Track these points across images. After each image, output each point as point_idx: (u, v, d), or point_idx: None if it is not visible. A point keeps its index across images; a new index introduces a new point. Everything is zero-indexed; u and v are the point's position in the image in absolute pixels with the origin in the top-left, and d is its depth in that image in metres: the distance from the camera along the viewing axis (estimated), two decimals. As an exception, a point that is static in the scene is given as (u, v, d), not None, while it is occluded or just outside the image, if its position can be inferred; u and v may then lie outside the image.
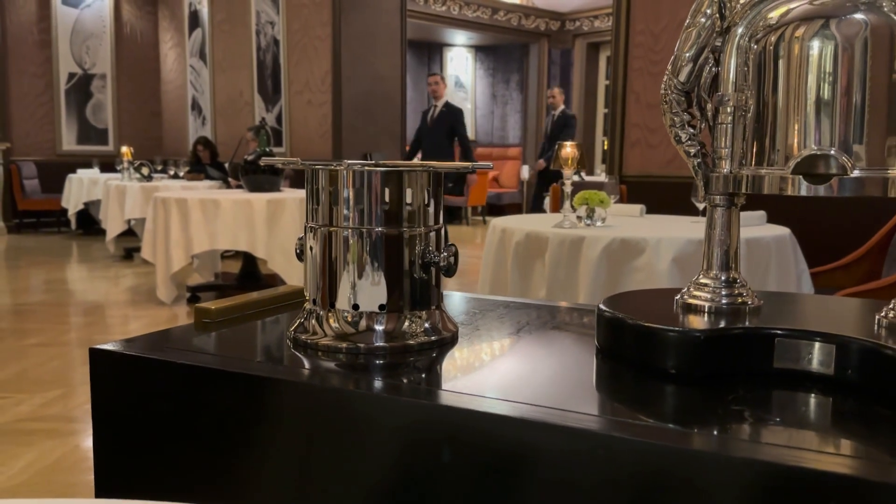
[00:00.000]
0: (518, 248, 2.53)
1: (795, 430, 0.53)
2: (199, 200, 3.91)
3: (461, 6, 10.27)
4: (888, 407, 0.55)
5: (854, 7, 0.61)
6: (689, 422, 0.55)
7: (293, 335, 0.72)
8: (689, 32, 0.69)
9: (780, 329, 0.62)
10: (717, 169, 0.68)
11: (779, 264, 2.28)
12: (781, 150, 0.64)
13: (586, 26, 10.91)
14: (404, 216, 0.70)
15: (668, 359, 0.63)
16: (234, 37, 7.66)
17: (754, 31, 0.65)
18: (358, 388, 0.62)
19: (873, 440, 0.52)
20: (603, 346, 0.71)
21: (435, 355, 0.71)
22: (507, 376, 0.66)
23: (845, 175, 0.61)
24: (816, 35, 0.61)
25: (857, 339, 0.58)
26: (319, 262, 0.71)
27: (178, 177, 6.36)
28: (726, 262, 0.70)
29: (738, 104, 0.66)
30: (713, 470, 0.47)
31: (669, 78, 0.70)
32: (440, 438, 0.57)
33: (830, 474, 0.44)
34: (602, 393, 0.64)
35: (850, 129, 0.61)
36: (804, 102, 0.62)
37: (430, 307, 0.73)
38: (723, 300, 0.69)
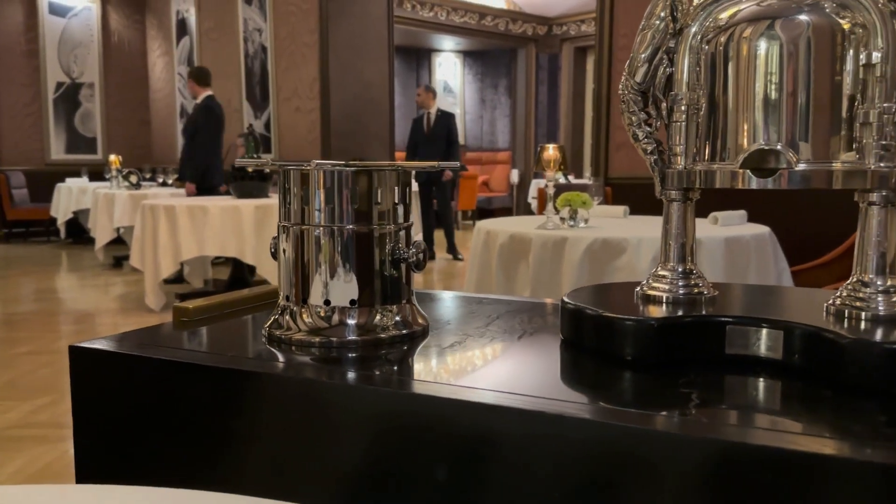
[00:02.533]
0: (502, 249, 2.56)
1: (740, 410, 0.56)
2: (187, 207, 3.93)
3: (448, 12, 10.32)
4: (830, 388, 0.58)
5: (798, 8, 0.64)
6: (641, 405, 0.58)
7: (268, 331, 0.75)
8: (644, 34, 0.72)
9: (730, 317, 0.64)
10: (673, 165, 0.71)
11: (759, 262, 2.32)
12: (732, 145, 0.67)
13: (573, 31, 10.98)
14: (374, 214, 0.73)
15: (626, 346, 0.65)
16: (221, 44, 7.67)
17: (705, 32, 0.68)
18: (331, 380, 0.65)
19: (813, 419, 0.55)
20: (567, 336, 0.74)
21: (406, 348, 0.74)
22: (475, 366, 0.69)
23: (791, 169, 0.64)
24: (763, 35, 0.64)
25: (802, 324, 0.61)
26: (292, 259, 0.74)
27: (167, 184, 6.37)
28: (683, 254, 0.73)
29: (691, 103, 0.69)
30: (661, 448, 0.50)
31: (626, 79, 0.73)
32: (411, 426, 0.59)
33: (768, 448, 0.47)
34: (565, 380, 0.67)
35: (796, 125, 0.64)
36: (752, 100, 0.65)
37: (400, 302, 0.76)
38: (680, 291, 0.72)
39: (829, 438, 0.49)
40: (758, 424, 0.53)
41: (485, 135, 12.51)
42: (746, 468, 0.47)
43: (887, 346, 0.56)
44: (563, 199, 2.59)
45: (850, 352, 0.57)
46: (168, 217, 3.96)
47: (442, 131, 6.63)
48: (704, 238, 2.24)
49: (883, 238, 0.64)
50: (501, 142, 12.38)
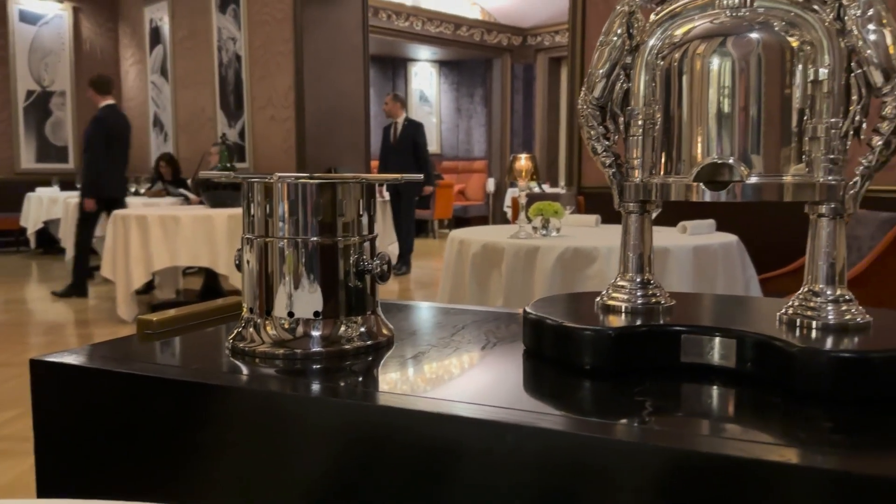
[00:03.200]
0: (475, 258, 2.57)
1: (692, 418, 0.58)
2: (159, 217, 3.89)
3: (424, 22, 10.37)
4: (781, 395, 0.59)
5: (749, 26, 0.66)
6: (596, 413, 0.59)
7: (231, 343, 0.75)
8: (602, 50, 0.73)
9: (685, 326, 0.66)
10: (630, 178, 0.73)
11: (727, 271, 2.35)
12: (686, 159, 0.68)
13: (548, 41, 11.07)
14: (338, 226, 0.74)
15: (584, 356, 0.67)
16: (195, 53, 7.63)
17: (660, 49, 0.70)
18: (295, 392, 0.65)
19: (763, 426, 0.56)
20: (529, 346, 0.75)
21: (371, 359, 0.74)
22: (439, 377, 0.70)
23: (743, 182, 0.66)
24: (715, 52, 0.66)
25: (753, 333, 0.63)
26: (256, 271, 0.74)
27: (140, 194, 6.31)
28: (641, 265, 0.75)
29: (647, 117, 0.71)
30: (612, 456, 0.51)
31: (585, 93, 0.75)
32: (375, 438, 0.60)
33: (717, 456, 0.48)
34: (526, 390, 0.68)
35: (747, 139, 0.66)
36: (705, 115, 0.67)
37: (365, 313, 0.77)
38: (638, 300, 0.73)
39: (776, 445, 0.51)
40: (709, 432, 0.54)
41: (461, 144, 12.55)
42: (697, 475, 0.48)
43: (834, 355, 0.58)
44: (535, 209, 2.61)
45: (799, 360, 0.58)
46: (140, 227, 3.92)
47: (407, 141, 6.56)
48: (673, 247, 2.27)
49: (832, 249, 0.66)
50: (477, 151, 12.43)
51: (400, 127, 6.61)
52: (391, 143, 6.63)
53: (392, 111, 6.66)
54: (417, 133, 6.62)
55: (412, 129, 6.62)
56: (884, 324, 0.66)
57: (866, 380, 0.57)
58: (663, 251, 2.26)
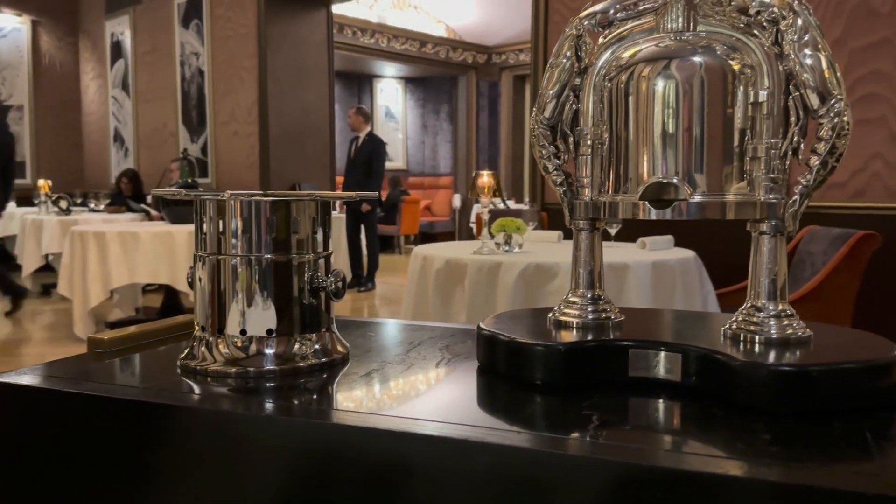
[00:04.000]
0: (438, 274, 2.58)
1: (636, 431, 0.59)
2: (118, 233, 3.83)
3: (389, 39, 10.41)
4: (723, 408, 0.61)
5: (692, 50, 0.68)
6: (543, 428, 0.60)
7: (182, 362, 0.74)
8: (552, 72, 0.75)
9: (632, 341, 0.67)
10: (580, 196, 0.75)
11: (685, 286, 2.40)
12: (633, 178, 0.70)
13: (512, 59, 11.20)
14: (292, 244, 0.74)
15: (535, 371, 0.68)
16: (157, 68, 7.56)
17: (608, 71, 0.72)
18: (248, 411, 0.65)
19: (705, 438, 0.57)
20: (483, 362, 0.76)
21: (325, 376, 0.74)
22: (394, 394, 0.70)
23: (687, 200, 0.67)
24: (660, 75, 0.68)
25: (697, 347, 0.64)
26: (208, 289, 0.74)
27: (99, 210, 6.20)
28: (591, 281, 0.76)
29: (595, 137, 0.72)
30: (555, 469, 0.51)
31: (536, 114, 0.76)
32: (328, 456, 0.60)
33: (658, 468, 0.49)
34: (479, 405, 0.69)
35: (691, 159, 0.68)
36: (651, 135, 0.69)
37: (320, 330, 0.77)
38: (589, 316, 0.75)
39: (718, 458, 0.52)
40: (652, 445, 0.55)
41: (427, 160, 12.60)
42: (641, 488, 0.49)
43: (774, 369, 0.60)
44: (497, 225, 2.63)
45: (741, 374, 0.60)
46: (98, 243, 3.85)
47: (364, 157, 6.52)
48: (632, 263, 2.30)
49: (773, 265, 0.68)
50: (443, 167, 12.48)
51: (361, 141, 6.60)
52: (350, 157, 6.62)
53: (355, 125, 6.64)
54: (375, 148, 6.59)
55: (371, 143, 6.59)
56: (824, 338, 0.68)
57: (805, 393, 0.59)
58: (623, 267, 2.29)
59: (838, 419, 0.58)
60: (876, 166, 3.49)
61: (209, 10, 6.93)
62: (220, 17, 6.92)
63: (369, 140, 6.61)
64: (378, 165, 6.56)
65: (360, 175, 6.48)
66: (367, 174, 6.47)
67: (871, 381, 0.61)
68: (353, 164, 6.55)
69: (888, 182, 3.46)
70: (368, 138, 6.62)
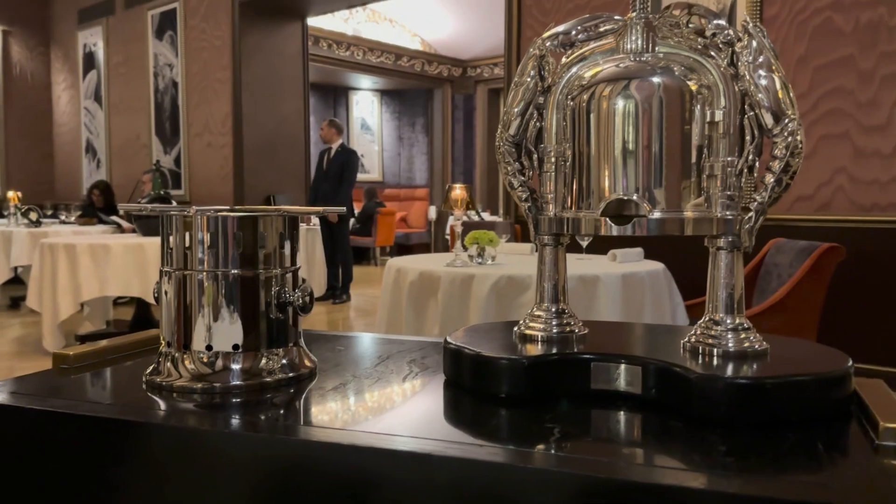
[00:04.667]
0: (412, 287, 2.58)
1: (595, 443, 0.60)
2: (89, 246, 3.78)
3: (365, 52, 10.43)
4: (681, 420, 0.62)
5: (651, 70, 0.70)
6: (509, 440, 0.60)
7: (148, 378, 0.74)
8: (517, 91, 0.76)
9: (594, 354, 0.69)
10: (545, 212, 0.76)
11: (654, 298, 2.43)
12: (595, 195, 0.72)
13: (486, 73, 11.28)
14: (259, 259, 0.74)
15: (500, 384, 0.69)
16: (131, 79, 7.50)
17: (570, 90, 0.73)
18: (213, 427, 0.65)
19: (662, 450, 0.59)
20: (449, 376, 0.76)
21: (292, 391, 0.75)
22: (361, 408, 0.71)
23: (647, 217, 0.69)
24: (620, 94, 0.70)
25: (656, 360, 0.66)
26: (174, 305, 0.74)
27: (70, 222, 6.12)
28: (555, 295, 0.78)
29: (559, 155, 0.74)
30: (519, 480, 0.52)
31: (501, 131, 0.78)
32: (296, 471, 0.60)
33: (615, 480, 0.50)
34: (445, 419, 0.69)
35: (650, 177, 0.69)
36: (611, 153, 0.70)
37: (287, 345, 0.77)
38: (553, 330, 0.76)
39: (674, 470, 0.54)
40: (609, 457, 0.56)
41: (403, 172, 12.61)
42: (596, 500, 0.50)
43: (729, 381, 0.61)
44: (471, 238, 2.65)
45: (698, 386, 0.61)
46: (68, 256, 3.80)
47: (336, 169, 6.48)
48: (603, 275, 2.33)
49: (730, 279, 0.70)
50: (419, 178, 12.50)
51: (333, 153, 6.57)
52: (323, 170, 6.58)
53: (327, 137, 6.61)
54: (348, 160, 6.55)
55: (344, 155, 6.56)
56: (779, 351, 0.70)
57: (760, 405, 0.60)
58: (594, 279, 2.31)
59: (792, 430, 0.59)
60: (840, 180, 3.57)
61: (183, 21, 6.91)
62: (194, 28, 6.89)
63: (342, 151, 6.58)
64: (350, 176, 6.53)
65: (332, 186, 6.45)
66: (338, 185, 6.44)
67: (824, 392, 0.63)
68: (326, 176, 6.51)
69: (852, 195, 3.54)
70: (341, 150, 6.59)
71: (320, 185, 6.53)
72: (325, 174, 6.51)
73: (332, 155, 6.55)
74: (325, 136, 6.60)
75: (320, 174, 6.59)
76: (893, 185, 3.44)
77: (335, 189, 6.43)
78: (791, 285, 2.56)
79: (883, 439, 0.56)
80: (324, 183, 6.50)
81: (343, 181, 6.45)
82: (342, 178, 6.45)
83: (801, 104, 3.68)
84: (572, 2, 4.39)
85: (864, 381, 0.68)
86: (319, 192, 6.51)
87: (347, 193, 6.56)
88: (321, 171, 6.58)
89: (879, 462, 0.54)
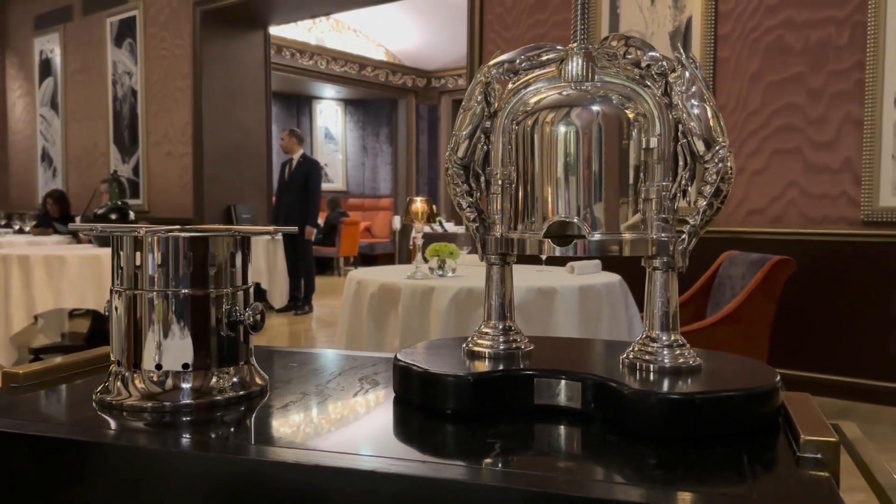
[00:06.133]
0: (373, 299, 2.59)
1: (531, 457, 0.62)
2: (43, 257, 3.72)
3: (329, 61, 10.42)
4: (617, 434, 0.65)
5: (591, 99, 0.73)
6: (454, 455, 0.63)
7: (98, 397, 0.75)
8: (465, 115, 0.79)
9: (537, 370, 0.71)
10: (492, 232, 0.78)
11: (610, 309, 2.47)
12: (538, 217, 0.74)
13: (451, 84, 11.36)
14: (210, 278, 0.75)
15: (447, 401, 0.71)
16: (88, 87, 7.38)
17: (515, 115, 0.76)
18: (164, 446, 0.66)
19: (598, 463, 0.61)
20: (398, 393, 0.78)
21: (243, 409, 0.76)
22: (310, 426, 0.72)
23: (587, 238, 0.72)
24: (562, 121, 0.73)
25: (594, 376, 0.68)
26: (124, 324, 0.74)
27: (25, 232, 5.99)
28: (503, 312, 0.80)
29: (505, 177, 0.77)
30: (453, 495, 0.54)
31: (450, 154, 0.80)
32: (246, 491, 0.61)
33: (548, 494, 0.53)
34: (395, 435, 0.71)
35: (590, 200, 0.72)
36: (554, 177, 0.73)
37: (238, 363, 0.78)
38: (500, 346, 0.78)
39: (603, 483, 0.56)
40: (546, 471, 0.59)
41: (367, 181, 12.61)
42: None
43: (661, 396, 0.64)
44: (431, 250, 2.67)
45: (631, 401, 0.64)
46: (22, 267, 3.72)
47: (299, 179, 6.46)
48: (560, 287, 2.37)
49: (665, 298, 0.73)
50: (383, 188, 12.51)
51: (295, 163, 6.54)
52: (285, 180, 6.54)
53: (288, 147, 6.57)
54: (311, 170, 6.53)
55: (307, 165, 6.54)
56: (712, 366, 0.73)
57: (690, 419, 0.63)
58: (551, 291, 2.35)
59: (720, 444, 0.62)
60: (792, 194, 3.68)
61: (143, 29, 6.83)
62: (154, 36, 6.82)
63: (304, 162, 6.56)
64: (315, 188, 6.51)
65: (295, 197, 6.42)
66: (303, 196, 6.41)
67: (752, 407, 0.66)
68: (289, 187, 6.48)
69: (803, 209, 3.65)
70: (303, 160, 6.56)
71: (283, 197, 6.50)
72: (288, 185, 6.48)
73: (293, 165, 6.52)
74: (286, 147, 6.57)
75: (283, 185, 6.56)
76: (842, 199, 3.56)
77: (299, 200, 6.40)
78: (743, 297, 2.63)
79: (804, 451, 0.60)
80: (287, 194, 6.47)
81: (309, 193, 6.43)
82: (307, 189, 6.43)
83: (755, 120, 3.79)
84: (532, 17, 4.46)
85: (792, 395, 0.72)
86: (283, 204, 6.47)
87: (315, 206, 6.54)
88: (283, 182, 6.55)
89: (800, 473, 0.57)
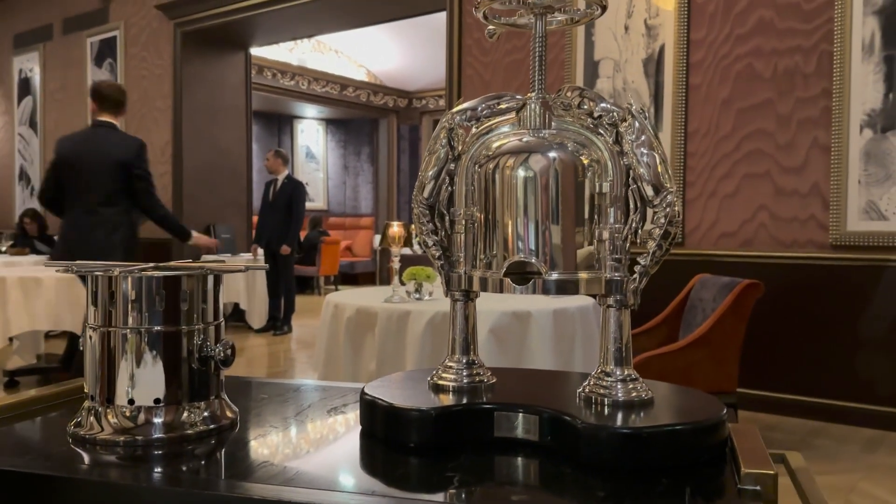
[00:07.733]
0: (350, 322, 2.61)
1: (485, 489, 0.65)
2: (19, 279, 3.70)
3: (310, 81, 10.48)
4: (571, 466, 0.68)
5: (549, 145, 0.77)
6: (411, 488, 0.65)
7: (71, 431, 0.77)
8: (430, 158, 0.83)
9: (496, 404, 0.74)
10: (456, 270, 0.82)
11: (584, 332, 2.52)
12: (499, 256, 0.78)
13: (432, 104, 11.45)
14: (181, 315, 0.78)
15: (410, 434, 0.74)
16: (68, 106, 7.37)
17: (478, 159, 0.80)
18: (135, 481, 0.68)
19: (550, 493, 0.64)
20: (364, 426, 0.81)
21: (214, 443, 0.78)
22: (278, 459, 0.74)
23: (544, 278, 0.76)
24: (521, 165, 0.77)
25: (550, 409, 0.72)
26: (98, 359, 0.77)
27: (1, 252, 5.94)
28: (466, 347, 0.83)
29: (468, 218, 0.80)
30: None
31: (417, 194, 0.84)
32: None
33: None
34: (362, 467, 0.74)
35: (548, 240, 0.76)
36: (514, 218, 0.77)
37: (208, 398, 0.80)
38: (464, 380, 0.82)
39: (558, 513, 0.59)
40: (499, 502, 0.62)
41: (348, 200, 12.63)
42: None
43: (611, 430, 0.68)
44: (408, 273, 2.70)
45: (584, 434, 0.68)
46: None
47: (284, 199, 6.49)
48: (535, 311, 2.41)
49: (619, 335, 0.76)
50: (364, 207, 12.54)
51: (279, 184, 6.56)
52: (269, 200, 6.56)
53: (273, 167, 6.60)
54: (295, 191, 6.56)
55: (290, 186, 6.57)
56: (663, 400, 0.77)
57: (638, 452, 0.67)
58: (525, 315, 2.39)
59: (667, 475, 0.66)
60: (762, 217, 3.76)
61: (123, 49, 6.85)
62: (134, 56, 6.83)
63: (288, 183, 6.58)
64: (298, 209, 6.54)
65: (278, 218, 6.44)
66: (286, 218, 6.43)
67: (699, 439, 0.70)
68: (273, 207, 6.50)
69: (773, 232, 3.73)
70: (288, 181, 6.59)
71: (266, 217, 6.51)
72: (272, 205, 6.50)
73: (278, 186, 6.54)
74: (271, 167, 6.60)
75: (266, 205, 6.57)
76: (811, 222, 3.64)
77: (283, 221, 6.41)
78: (713, 320, 2.69)
79: (744, 483, 0.63)
80: (270, 214, 6.48)
81: (292, 215, 6.45)
82: (290, 211, 6.45)
83: (725, 144, 3.88)
84: (510, 42, 4.53)
85: (739, 428, 0.76)
86: (266, 225, 6.48)
87: (297, 229, 6.56)
88: (267, 203, 6.57)
89: (740, 504, 0.61)
